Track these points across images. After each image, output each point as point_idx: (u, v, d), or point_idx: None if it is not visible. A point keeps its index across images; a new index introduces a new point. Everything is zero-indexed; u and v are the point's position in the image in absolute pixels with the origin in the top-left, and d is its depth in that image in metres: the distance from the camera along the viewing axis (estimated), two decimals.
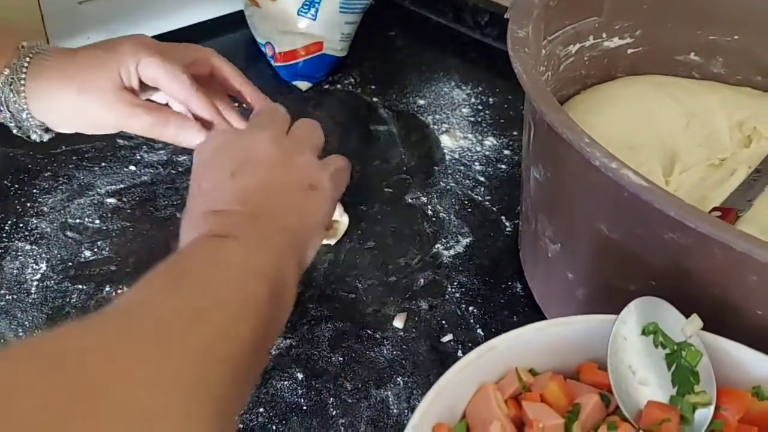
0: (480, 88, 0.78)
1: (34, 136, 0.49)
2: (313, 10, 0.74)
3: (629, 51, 0.63)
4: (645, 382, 0.33)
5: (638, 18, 0.62)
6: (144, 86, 0.48)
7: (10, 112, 0.47)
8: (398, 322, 0.52)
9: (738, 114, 0.59)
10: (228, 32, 0.82)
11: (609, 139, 0.55)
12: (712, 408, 0.32)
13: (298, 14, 0.74)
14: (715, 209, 0.49)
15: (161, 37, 0.77)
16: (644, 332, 0.34)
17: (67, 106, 0.47)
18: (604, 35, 0.61)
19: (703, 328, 0.35)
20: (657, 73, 0.65)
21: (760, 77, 0.63)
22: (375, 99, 0.75)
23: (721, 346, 0.34)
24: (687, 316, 0.35)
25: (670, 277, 0.38)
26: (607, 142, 0.54)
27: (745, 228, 0.47)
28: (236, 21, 0.81)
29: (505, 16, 0.52)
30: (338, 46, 0.77)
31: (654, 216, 0.35)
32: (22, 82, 0.46)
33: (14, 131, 0.48)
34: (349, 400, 0.47)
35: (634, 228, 0.38)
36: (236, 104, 0.53)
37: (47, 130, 0.49)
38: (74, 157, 0.62)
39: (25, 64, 0.46)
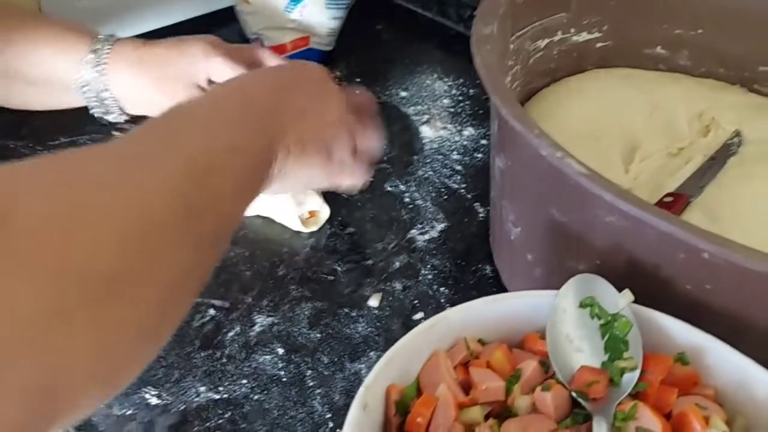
0: (461, 80, 0.81)
1: (111, 117, 0.55)
2: (300, 6, 0.77)
3: (598, 45, 0.67)
4: (580, 349, 0.37)
5: (606, 13, 0.65)
6: (211, 83, 0.53)
7: (93, 92, 0.52)
8: (373, 302, 0.55)
9: (699, 105, 0.63)
10: (220, 27, 0.85)
11: (574, 128, 0.59)
12: (638, 372, 0.36)
13: (286, 10, 0.77)
14: (667, 195, 0.53)
15: (156, 33, 0.82)
16: (582, 305, 0.38)
17: (141, 93, 0.52)
18: (572, 30, 0.65)
19: (641, 302, 0.39)
20: (625, 66, 0.68)
21: (722, 69, 0.67)
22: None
23: (652, 317, 0.38)
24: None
25: (612, 256, 0.41)
26: (571, 132, 0.58)
27: (692, 212, 0.51)
28: (227, 17, 0.84)
29: (475, 12, 0.55)
30: (325, 41, 0.80)
31: (595, 201, 0.39)
32: (105, 65, 0.51)
33: (94, 111, 0.54)
34: (326, 373, 0.51)
35: (580, 212, 0.42)
36: None
37: (123, 112, 0.54)
38: (76, 147, 0.66)
39: (107, 50, 0.51)
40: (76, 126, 0.67)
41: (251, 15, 0.80)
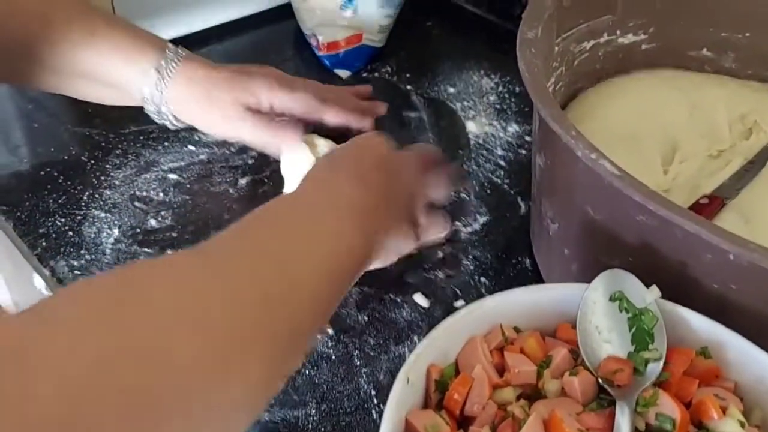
0: (508, 77, 0.83)
1: (167, 124, 0.60)
2: (354, 5, 0.80)
3: (643, 47, 0.68)
4: (608, 340, 0.40)
5: (652, 16, 0.67)
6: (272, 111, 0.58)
7: (155, 104, 0.57)
8: (422, 301, 0.58)
9: (741, 107, 0.64)
10: (277, 23, 0.90)
11: (616, 129, 0.61)
12: (661, 363, 0.38)
13: (341, 8, 0.81)
14: (704, 197, 0.54)
15: (216, 29, 0.86)
16: (611, 299, 0.41)
17: (199, 114, 0.58)
18: (618, 32, 0.66)
19: (668, 297, 0.41)
20: (670, 68, 0.69)
21: None
22: (409, 87, 0.82)
23: (677, 312, 0.40)
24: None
25: (643, 254, 0.44)
26: (613, 132, 0.61)
27: (727, 213, 0.53)
28: (285, 13, 0.88)
29: (523, 15, 0.57)
30: (376, 38, 0.83)
31: (626, 201, 0.41)
32: (167, 83, 0.56)
33: (154, 118, 0.59)
34: (372, 354, 0.54)
35: (613, 211, 0.45)
36: None
37: (179, 121, 0.60)
38: (141, 137, 0.71)
39: (172, 67, 0.56)
40: (144, 117, 0.72)
41: (307, 12, 0.84)
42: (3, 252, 0.91)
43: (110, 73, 0.56)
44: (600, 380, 0.38)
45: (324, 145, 0.58)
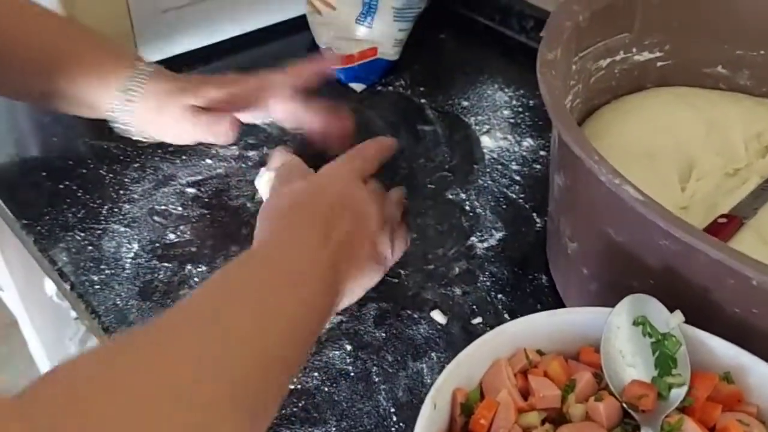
0: (521, 91, 0.84)
1: (132, 134, 0.64)
2: (369, 19, 0.81)
3: (659, 64, 0.69)
4: (632, 364, 0.40)
5: (668, 34, 0.67)
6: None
7: (119, 122, 0.62)
8: (439, 317, 0.59)
9: (757, 125, 0.64)
10: (292, 35, 0.90)
11: (632, 146, 0.62)
12: (685, 388, 0.39)
13: (356, 22, 0.81)
14: (721, 216, 0.55)
15: (234, 40, 0.87)
16: (634, 323, 0.41)
17: (163, 126, 0.63)
18: (634, 50, 0.67)
19: (691, 322, 0.42)
20: (685, 85, 0.70)
21: None
22: (423, 100, 0.82)
23: (700, 337, 0.41)
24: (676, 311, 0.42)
25: (665, 277, 0.44)
26: (629, 150, 0.61)
27: (745, 233, 0.53)
28: (299, 25, 0.89)
29: (540, 34, 0.58)
30: (391, 51, 0.84)
31: (650, 225, 0.42)
32: (133, 104, 0.61)
33: (118, 130, 0.64)
34: (390, 370, 0.55)
35: (635, 234, 0.45)
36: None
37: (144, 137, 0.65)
38: (159, 151, 0.72)
39: (138, 86, 0.61)
40: None
41: (322, 26, 0.84)
42: (17, 262, 0.91)
43: (80, 90, 0.61)
44: (625, 405, 0.39)
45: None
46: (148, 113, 0.61)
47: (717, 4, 0.67)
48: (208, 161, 0.71)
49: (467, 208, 0.69)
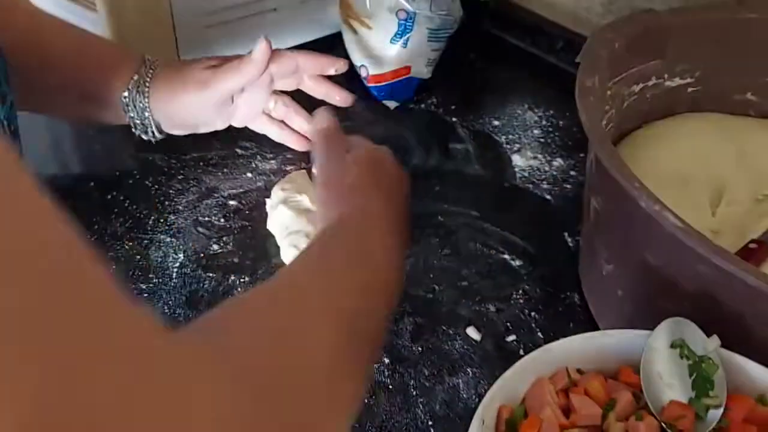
0: (551, 111, 0.86)
1: (147, 136, 0.65)
2: (403, 39, 0.83)
3: (689, 90, 0.70)
4: (670, 385, 0.42)
5: (699, 61, 0.69)
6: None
7: (136, 110, 0.62)
8: (474, 334, 0.60)
9: None
10: (331, 50, 0.92)
11: (663, 171, 0.63)
12: (721, 409, 0.40)
13: (391, 42, 0.83)
14: (752, 241, 0.56)
15: None
16: (672, 346, 0.43)
17: (178, 112, 0.63)
18: (666, 76, 0.69)
19: (724, 345, 0.43)
20: (715, 111, 0.71)
21: None
22: (454, 119, 0.84)
23: (736, 361, 0.42)
24: (711, 335, 0.44)
25: (701, 301, 0.46)
26: (660, 174, 0.63)
27: None
28: (335, 42, 0.91)
29: (576, 60, 0.60)
30: (424, 70, 0.86)
31: (688, 251, 0.43)
32: (147, 86, 0.61)
33: (134, 130, 0.64)
34: (427, 384, 0.57)
35: (672, 258, 0.47)
36: None
37: (161, 131, 0.65)
38: (201, 163, 0.74)
39: (150, 72, 0.61)
40: (203, 143, 0.75)
41: (357, 44, 0.86)
42: None
43: (95, 84, 0.62)
44: (664, 425, 0.40)
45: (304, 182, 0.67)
46: (168, 83, 0.62)
47: (746, 32, 0.69)
48: (248, 174, 0.74)
49: (499, 226, 0.71)
